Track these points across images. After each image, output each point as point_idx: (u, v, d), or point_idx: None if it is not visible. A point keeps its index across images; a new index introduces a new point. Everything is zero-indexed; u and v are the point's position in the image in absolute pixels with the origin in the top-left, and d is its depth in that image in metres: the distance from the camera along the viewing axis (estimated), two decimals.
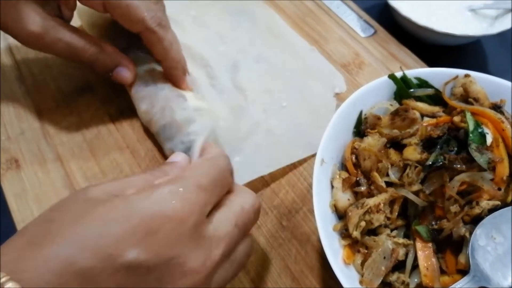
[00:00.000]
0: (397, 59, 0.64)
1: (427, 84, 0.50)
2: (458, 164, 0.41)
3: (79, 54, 0.49)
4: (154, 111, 0.51)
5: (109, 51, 0.51)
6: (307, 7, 0.71)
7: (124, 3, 0.47)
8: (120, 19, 0.48)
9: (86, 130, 0.55)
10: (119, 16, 0.48)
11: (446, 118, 0.46)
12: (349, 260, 0.41)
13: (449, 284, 0.39)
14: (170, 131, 0.49)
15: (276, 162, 0.52)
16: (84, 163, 0.53)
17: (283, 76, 0.61)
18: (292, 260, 0.47)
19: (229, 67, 0.61)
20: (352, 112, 0.48)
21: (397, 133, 0.46)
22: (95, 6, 0.48)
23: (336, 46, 0.66)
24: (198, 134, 0.48)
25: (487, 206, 0.40)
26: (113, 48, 0.52)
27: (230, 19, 0.68)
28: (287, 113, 0.58)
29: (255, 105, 0.58)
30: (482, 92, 0.48)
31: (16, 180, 0.51)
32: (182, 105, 0.50)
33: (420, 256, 0.41)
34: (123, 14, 0.47)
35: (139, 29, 0.48)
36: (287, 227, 0.49)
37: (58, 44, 0.48)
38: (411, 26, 0.65)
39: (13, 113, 0.56)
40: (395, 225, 0.43)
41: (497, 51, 0.71)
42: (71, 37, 0.48)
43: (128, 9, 0.47)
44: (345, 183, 0.44)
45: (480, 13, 0.67)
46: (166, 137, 0.50)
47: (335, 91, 0.60)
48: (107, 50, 0.51)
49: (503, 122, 0.44)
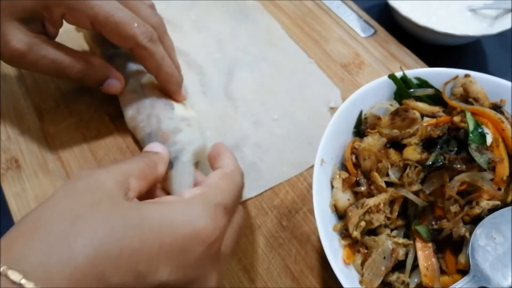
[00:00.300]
0: (397, 59, 0.64)
1: (427, 84, 0.50)
2: (458, 164, 0.41)
3: (65, 71, 0.48)
4: (140, 118, 0.50)
5: (97, 65, 0.50)
6: (307, 7, 0.71)
7: (112, 20, 0.45)
8: (109, 36, 0.47)
9: (86, 130, 0.55)
10: (108, 33, 0.46)
11: (446, 118, 0.46)
12: (349, 260, 0.41)
13: (449, 284, 0.39)
14: (155, 139, 0.48)
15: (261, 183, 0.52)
16: (84, 163, 0.52)
17: (277, 88, 0.60)
18: (292, 260, 0.47)
19: (223, 75, 0.61)
20: (352, 112, 0.48)
21: (397, 133, 0.46)
22: (82, 24, 0.46)
23: (336, 46, 0.66)
24: (185, 144, 0.46)
25: (487, 206, 0.40)
26: (101, 61, 0.50)
27: (230, 25, 0.67)
28: (277, 127, 0.56)
29: (245, 116, 0.57)
30: (482, 92, 0.48)
31: (16, 180, 0.51)
32: (169, 114, 0.49)
33: (420, 256, 0.41)
34: (112, 31, 0.46)
35: (129, 45, 0.47)
36: (287, 227, 0.49)
37: (42, 61, 0.46)
38: (411, 26, 0.65)
39: (13, 113, 0.56)
40: (395, 225, 0.43)
41: (497, 51, 0.71)
42: (56, 54, 0.47)
43: (117, 26, 0.45)
44: (345, 183, 0.44)
45: (480, 13, 0.67)
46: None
47: (330, 106, 0.59)
48: (94, 64, 0.49)
49: (503, 122, 0.44)
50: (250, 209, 0.50)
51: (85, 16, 0.45)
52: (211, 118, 0.56)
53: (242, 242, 0.48)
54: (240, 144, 0.54)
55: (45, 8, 0.45)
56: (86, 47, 0.62)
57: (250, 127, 0.56)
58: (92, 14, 0.44)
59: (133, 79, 0.52)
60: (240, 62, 0.62)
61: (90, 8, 0.44)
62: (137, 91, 0.51)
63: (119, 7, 0.46)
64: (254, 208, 0.50)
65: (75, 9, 0.44)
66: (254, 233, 0.49)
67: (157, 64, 0.48)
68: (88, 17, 0.45)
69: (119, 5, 0.46)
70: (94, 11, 0.44)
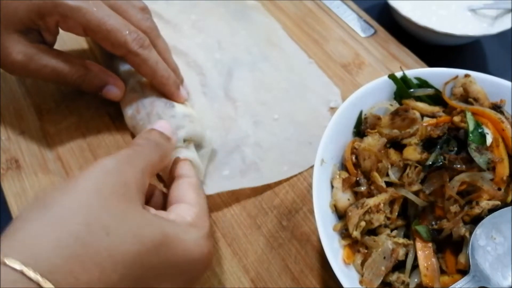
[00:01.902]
0: (397, 59, 0.64)
1: (427, 84, 0.50)
2: (458, 164, 0.41)
3: (65, 78, 0.49)
4: (140, 117, 0.50)
5: (96, 71, 0.50)
6: (307, 7, 0.71)
7: (104, 27, 0.45)
8: (102, 43, 0.47)
9: (86, 130, 0.55)
10: (100, 41, 0.47)
11: (446, 118, 0.46)
12: (349, 260, 0.41)
13: (449, 284, 0.39)
14: None
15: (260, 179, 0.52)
16: (84, 163, 0.52)
17: (277, 88, 0.60)
18: (292, 260, 0.47)
19: (223, 75, 0.61)
20: (352, 112, 0.48)
21: (397, 133, 0.46)
22: (76, 31, 0.47)
23: (336, 46, 0.66)
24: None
25: (487, 206, 0.40)
26: (100, 67, 0.51)
27: (230, 25, 0.67)
28: (278, 126, 0.56)
29: (245, 117, 0.57)
30: (482, 92, 0.48)
31: (16, 180, 0.51)
32: (170, 112, 0.49)
33: (420, 256, 0.41)
34: (104, 38, 0.46)
35: (122, 52, 0.47)
36: (287, 227, 0.49)
37: (43, 70, 0.47)
38: (411, 26, 0.65)
39: (13, 113, 0.56)
40: (395, 225, 0.43)
41: (497, 51, 0.71)
42: (55, 62, 0.48)
43: (108, 34, 0.45)
44: (345, 183, 0.44)
45: (480, 13, 0.67)
46: None
47: (330, 106, 0.59)
48: (93, 70, 0.50)
49: (503, 122, 0.44)
50: (250, 209, 0.50)
51: (77, 24, 0.46)
52: (211, 118, 0.56)
53: (242, 242, 0.48)
54: (240, 144, 0.54)
55: (39, 17, 0.45)
56: (86, 46, 0.62)
57: (250, 127, 0.56)
58: (84, 21, 0.45)
59: (132, 78, 0.52)
60: (240, 62, 0.62)
61: (82, 15, 0.45)
62: (137, 90, 0.51)
63: (111, 14, 0.46)
64: (254, 208, 0.50)
65: (67, 17, 0.45)
66: (254, 233, 0.49)
67: (151, 69, 0.48)
68: (80, 24, 0.45)
69: (111, 12, 0.46)
70: (86, 18, 0.45)
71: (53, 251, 0.27)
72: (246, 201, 0.51)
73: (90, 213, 0.30)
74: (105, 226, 0.30)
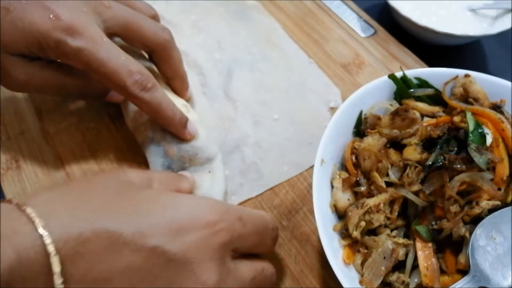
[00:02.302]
0: (397, 59, 0.64)
1: (427, 84, 0.50)
2: (458, 164, 0.41)
3: (68, 89, 0.49)
4: (141, 120, 0.49)
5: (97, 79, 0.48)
6: (307, 7, 0.71)
7: (103, 70, 0.43)
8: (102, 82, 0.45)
9: (86, 130, 0.55)
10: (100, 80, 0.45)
11: (446, 118, 0.46)
12: (349, 260, 0.41)
13: (449, 284, 0.39)
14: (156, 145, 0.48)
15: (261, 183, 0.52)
16: (84, 163, 0.52)
17: (277, 88, 0.60)
18: (292, 260, 0.47)
19: (223, 75, 0.61)
20: (352, 112, 0.48)
21: (397, 133, 0.46)
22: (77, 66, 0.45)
23: (336, 46, 0.66)
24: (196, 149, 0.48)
25: (487, 206, 0.40)
26: None
27: (230, 25, 0.67)
28: (277, 126, 0.56)
29: (245, 117, 0.57)
30: (482, 92, 0.48)
31: (16, 180, 0.51)
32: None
33: (420, 256, 0.41)
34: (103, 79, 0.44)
35: (122, 94, 0.46)
36: (287, 227, 0.49)
37: (44, 85, 0.47)
38: (411, 26, 0.65)
39: (13, 113, 0.56)
40: (395, 225, 0.43)
41: (497, 51, 0.71)
42: (57, 76, 0.47)
43: (107, 76, 0.43)
44: (345, 183, 0.44)
45: (480, 13, 0.67)
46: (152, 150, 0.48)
47: (330, 106, 0.59)
48: (94, 79, 0.48)
49: (503, 122, 0.44)
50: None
51: (78, 63, 0.44)
52: (211, 118, 0.56)
53: None
54: (240, 144, 0.54)
55: (40, 51, 0.44)
56: None
57: (250, 127, 0.56)
58: (85, 62, 0.43)
59: None
60: (240, 62, 0.62)
61: (83, 56, 0.42)
62: None
63: (114, 53, 0.44)
64: (254, 208, 0.50)
65: (67, 57, 0.43)
66: None
67: (153, 111, 0.46)
68: (81, 64, 0.43)
69: (116, 49, 0.44)
70: (87, 59, 0.43)
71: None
72: (246, 201, 0.51)
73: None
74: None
